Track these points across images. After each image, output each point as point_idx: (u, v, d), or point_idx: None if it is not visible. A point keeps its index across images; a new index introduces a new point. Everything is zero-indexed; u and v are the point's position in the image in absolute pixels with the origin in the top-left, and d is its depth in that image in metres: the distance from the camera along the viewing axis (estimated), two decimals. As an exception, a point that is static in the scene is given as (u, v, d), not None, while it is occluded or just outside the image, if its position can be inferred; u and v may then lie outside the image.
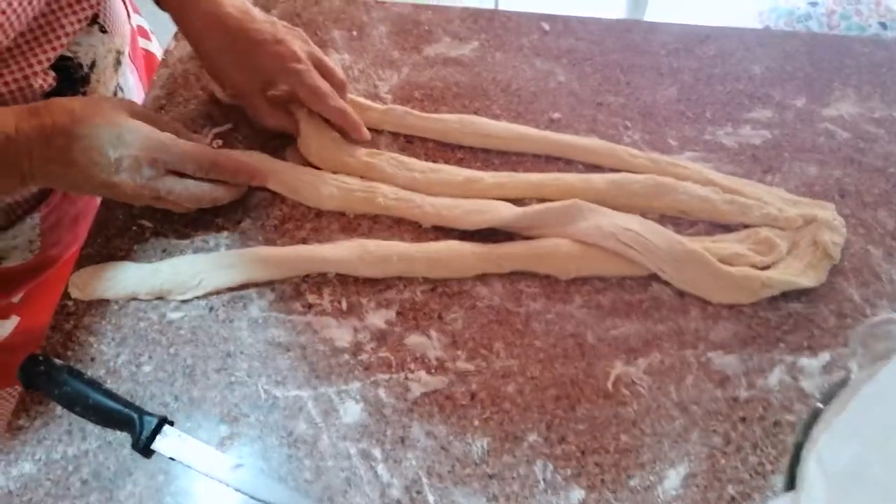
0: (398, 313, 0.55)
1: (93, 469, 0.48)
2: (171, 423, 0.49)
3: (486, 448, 0.49)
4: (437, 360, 0.53)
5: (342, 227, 0.60)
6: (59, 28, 0.58)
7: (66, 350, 0.53)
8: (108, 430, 0.50)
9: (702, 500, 0.47)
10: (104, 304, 0.56)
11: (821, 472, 0.41)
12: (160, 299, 0.56)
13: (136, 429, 0.48)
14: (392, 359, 0.53)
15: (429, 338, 0.54)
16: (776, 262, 0.57)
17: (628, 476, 0.48)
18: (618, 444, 0.50)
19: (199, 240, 0.59)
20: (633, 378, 0.52)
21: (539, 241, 0.58)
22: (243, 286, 0.56)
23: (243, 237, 0.60)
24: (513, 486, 0.48)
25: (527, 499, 0.47)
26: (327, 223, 0.60)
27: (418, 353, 0.54)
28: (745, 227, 0.60)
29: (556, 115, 0.67)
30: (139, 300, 0.56)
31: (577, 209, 0.58)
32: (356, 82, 0.70)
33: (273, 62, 0.61)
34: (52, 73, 0.58)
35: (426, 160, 0.64)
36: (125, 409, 0.49)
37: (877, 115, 0.67)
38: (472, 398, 0.52)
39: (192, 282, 0.56)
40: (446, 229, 0.59)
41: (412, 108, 0.66)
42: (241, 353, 0.53)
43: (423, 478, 0.48)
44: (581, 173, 0.62)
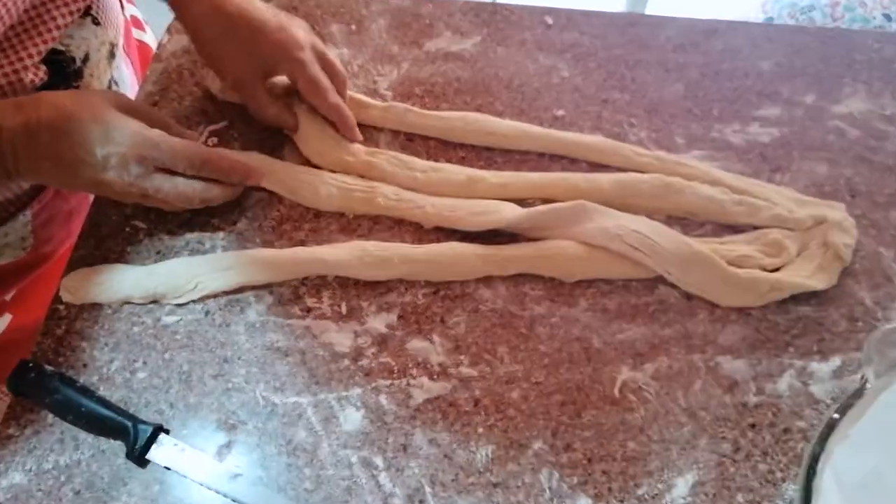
0: (399, 317, 0.54)
1: (86, 479, 0.47)
2: (167, 432, 0.49)
3: (490, 456, 0.48)
4: (440, 365, 0.52)
5: (341, 227, 0.59)
6: (50, 21, 0.56)
7: (57, 356, 0.52)
8: (102, 439, 0.49)
9: (711, 508, 0.46)
10: (97, 308, 0.54)
11: (836, 485, 0.40)
12: (155, 303, 0.55)
13: (131, 437, 0.47)
14: (393, 364, 0.52)
15: (431, 342, 0.53)
16: (785, 264, 0.56)
17: (636, 484, 0.47)
18: (625, 452, 0.49)
19: (195, 241, 0.58)
20: (640, 383, 0.51)
21: (543, 242, 0.57)
22: (240, 289, 0.55)
23: (240, 238, 0.58)
24: (518, 495, 0.47)
25: (532, 509, 0.46)
26: (326, 224, 0.59)
27: (420, 359, 0.52)
28: (754, 228, 0.58)
29: (561, 112, 0.66)
30: (133, 304, 0.55)
31: (582, 210, 0.56)
32: (355, 78, 0.68)
33: (275, 50, 0.59)
34: (44, 68, 0.56)
35: (427, 159, 0.62)
36: (119, 418, 0.48)
37: (888, 113, 0.65)
38: (476, 404, 0.51)
39: (188, 285, 0.54)
40: (448, 230, 0.58)
41: (412, 104, 0.65)
42: (239, 359, 0.52)
43: (426, 487, 0.47)
44: (586, 172, 0.61)
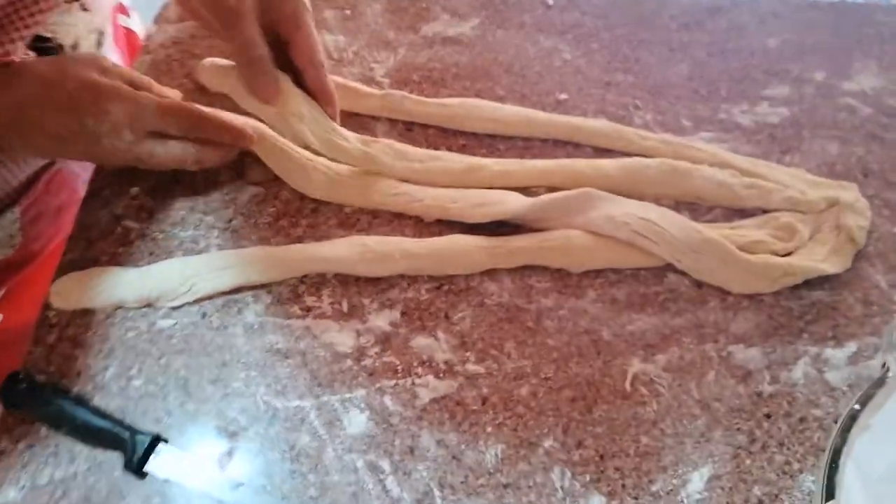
0: (402, 314, 0.53)
1: (83, 493, 0.46)
2: (166, 441, 0.47)
3: (499, 456, 0.47)
4: (446, 363, 0.51)
5: (340, 222, 0.57)
6: (32, 4, 0.54)
7: (49, 365, 0.50)
8: (98, 451, 0.47)
9: (727, 503, 0.45)
10: (89, 313, 0.53)
11: (859, 479, 0.39)
12: (149, 307, 0.53)
13: (128, 448, 0.46)
14: (397, 363, 0.51)
15: (436, 339, 0.52)
16: (798, 248, 0.55)
17: (650, 480, 0.46)
18: (638, 447, 0.47)
19: (189, 240, 0.56)
20: (652, 376, 0.50)
21: (549, 232, 0.55)
22: (237, 290, 0.53)
23: (235, 236, 0.56)
24: (529, 495, 0.46)
25: (545, 509, 0.45)
26: (324, 219, 0.57)
27: (425, 356, 0.51)
28: (764, 211, 0.57)
29: (563, 96, 0.64)
30: (126, 308, 0.53)
31: (588, 198, 0.55)
32: (350, 65, 0.66)
33: None
34: (32, 54, 0.55)
35: (427, 147, 0.60)
36: (115, 428, 0.46)
37: (900, 88, 0.64)
38: (484, 403, 0.49)
39: (183, 287, 0.52)
40: (451, 222, 0.56)
41: (410, 91, 0.63)
42: (238, 362, 0.51)
43: (435, 490, 0.46)
44: (591, 158, 0.59)
